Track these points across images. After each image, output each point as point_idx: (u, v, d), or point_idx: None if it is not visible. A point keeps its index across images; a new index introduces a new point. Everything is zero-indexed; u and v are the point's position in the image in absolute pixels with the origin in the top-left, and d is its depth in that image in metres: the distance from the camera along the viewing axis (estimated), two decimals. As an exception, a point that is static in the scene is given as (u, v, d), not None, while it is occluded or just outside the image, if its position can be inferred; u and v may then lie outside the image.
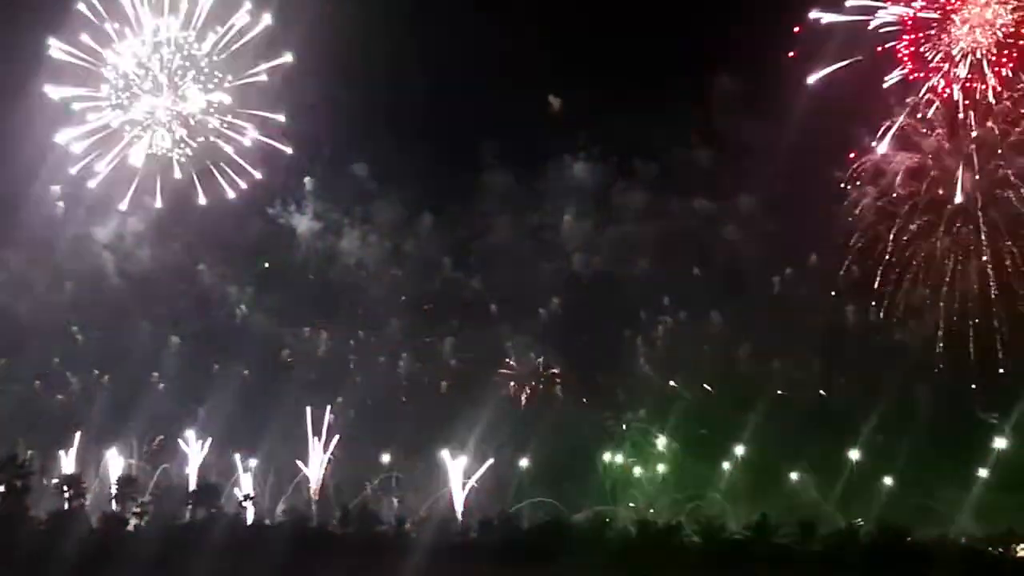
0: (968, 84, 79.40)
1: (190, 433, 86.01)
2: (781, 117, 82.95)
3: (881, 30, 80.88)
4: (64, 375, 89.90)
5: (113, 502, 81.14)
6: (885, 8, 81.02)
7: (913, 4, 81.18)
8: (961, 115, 79.97)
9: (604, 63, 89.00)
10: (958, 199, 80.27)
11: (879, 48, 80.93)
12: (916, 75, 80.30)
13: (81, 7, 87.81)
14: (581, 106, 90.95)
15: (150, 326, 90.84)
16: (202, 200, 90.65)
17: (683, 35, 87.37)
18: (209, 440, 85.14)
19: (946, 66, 79.67)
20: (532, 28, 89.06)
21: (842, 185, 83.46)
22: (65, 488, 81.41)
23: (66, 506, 79.04)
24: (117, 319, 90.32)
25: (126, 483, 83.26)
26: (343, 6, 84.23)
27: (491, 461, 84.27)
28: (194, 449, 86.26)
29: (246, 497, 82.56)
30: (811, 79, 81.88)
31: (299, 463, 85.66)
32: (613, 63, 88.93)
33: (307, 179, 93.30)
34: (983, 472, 78.21)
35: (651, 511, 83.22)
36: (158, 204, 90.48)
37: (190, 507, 79.03)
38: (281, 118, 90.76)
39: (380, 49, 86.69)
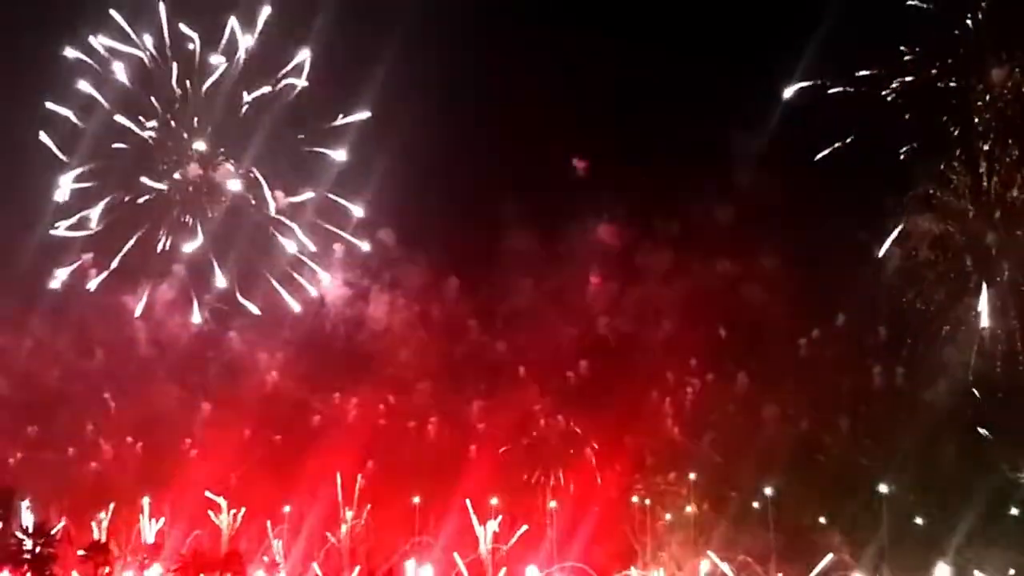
0: (992, 154, 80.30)
1: (221, 500, 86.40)
2: (804, 178, 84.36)
3: (900, 100, 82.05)
4: (97, 442, 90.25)
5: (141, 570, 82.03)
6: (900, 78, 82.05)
7: (932, 71, 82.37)
8: (985, 183, 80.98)
9: (627, 124, 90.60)
10: (984, 321, 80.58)
11: (896, 118, 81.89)
12: (936, 147, 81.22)
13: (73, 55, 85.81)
14: (604, 167, 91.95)
15: (181, 393, 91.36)
16: (255, 311, 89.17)
17: (707, 97, 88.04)
18: (243, 510, 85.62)
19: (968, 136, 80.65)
20: (554, 90, 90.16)
21: (868, 247, 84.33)
22: (92, 556, 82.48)
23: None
24: (148, 386, 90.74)
25: (153, 551, 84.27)
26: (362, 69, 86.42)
27: (524, 528, 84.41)
28: (225, 516, 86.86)
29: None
30: (818, 156, 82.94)
31: (328, 534, 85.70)
32: (636, 124, 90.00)
33: (336, 245, 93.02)
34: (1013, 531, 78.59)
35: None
36: (196, 319, 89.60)
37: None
38: (359, 211, 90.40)
39: (401, 108, 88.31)
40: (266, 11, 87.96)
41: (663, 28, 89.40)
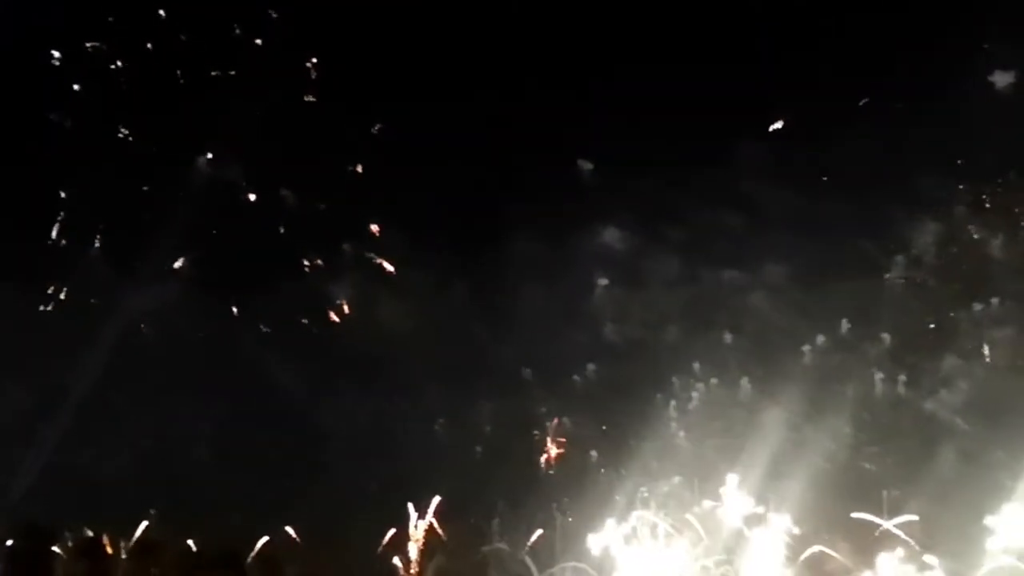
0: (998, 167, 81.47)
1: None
2: (811, 186, 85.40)
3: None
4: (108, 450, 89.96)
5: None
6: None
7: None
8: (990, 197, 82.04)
9: (636, 129, 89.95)
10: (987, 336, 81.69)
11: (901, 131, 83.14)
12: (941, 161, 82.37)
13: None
14: (612, 172, 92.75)
15: (189, 397, 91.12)
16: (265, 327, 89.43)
17: (714, 103, 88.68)
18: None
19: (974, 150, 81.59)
20: (562, 95, 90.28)
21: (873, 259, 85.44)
22: (84, 554, 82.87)
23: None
24: (155, 390, 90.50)
25: (147, 550, 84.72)
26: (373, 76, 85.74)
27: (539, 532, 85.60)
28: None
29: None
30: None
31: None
32: (645, 129, 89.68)
33: (346, 246, 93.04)
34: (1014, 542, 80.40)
35: None
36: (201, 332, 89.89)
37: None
38: (374, 228, 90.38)
39: (406, 114, 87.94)
40: (273, 16, 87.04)
41: (675, 33, 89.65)
